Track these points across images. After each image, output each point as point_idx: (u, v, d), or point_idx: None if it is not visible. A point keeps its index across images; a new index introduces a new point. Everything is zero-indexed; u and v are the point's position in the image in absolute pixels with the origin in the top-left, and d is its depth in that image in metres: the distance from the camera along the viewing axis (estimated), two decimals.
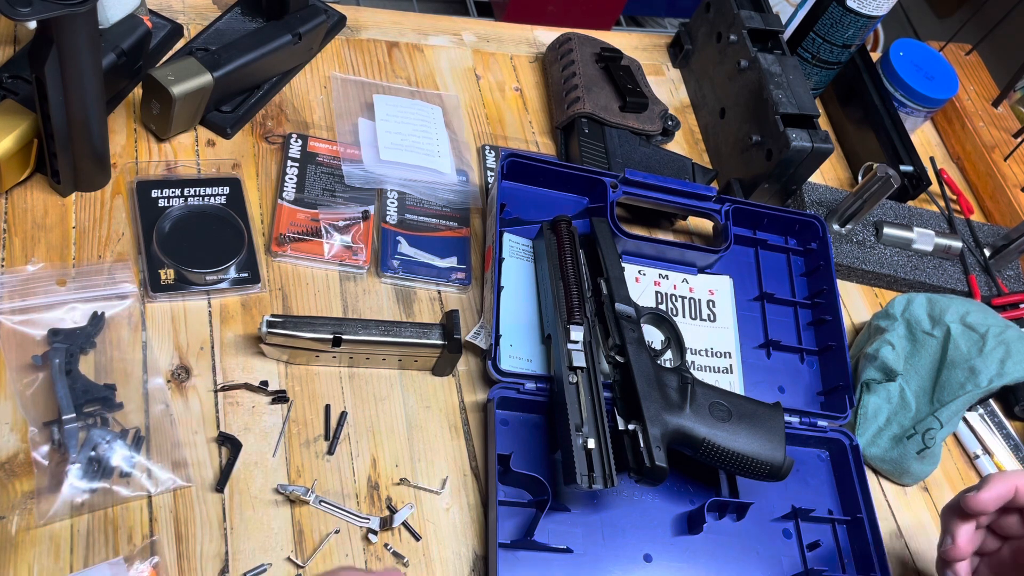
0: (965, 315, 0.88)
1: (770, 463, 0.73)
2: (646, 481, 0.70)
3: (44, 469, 0.64)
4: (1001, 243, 1.05)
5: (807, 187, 1.03)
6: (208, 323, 0.75)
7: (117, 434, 0.66)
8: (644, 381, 0.73)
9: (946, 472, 0.91)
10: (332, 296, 0.80)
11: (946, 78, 1.15)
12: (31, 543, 0.61)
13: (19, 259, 0.73)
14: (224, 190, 0.81)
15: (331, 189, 0.85)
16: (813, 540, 0.79)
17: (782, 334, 0.90)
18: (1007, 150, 1.18)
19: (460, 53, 1.03)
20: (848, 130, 1.16)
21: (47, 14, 0.60)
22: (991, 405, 0.94)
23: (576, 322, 0.76)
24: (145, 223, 0.77)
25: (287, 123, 0.89)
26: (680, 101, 1.11)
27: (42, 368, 0.67)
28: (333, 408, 0.74)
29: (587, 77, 0.99)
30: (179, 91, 0.78)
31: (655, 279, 0.89)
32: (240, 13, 0.93)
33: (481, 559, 0.70)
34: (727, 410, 0.75)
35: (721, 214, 0.91)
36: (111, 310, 0.72)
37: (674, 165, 0.97)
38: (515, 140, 0.99)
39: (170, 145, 0.84)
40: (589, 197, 0.91)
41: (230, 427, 0.70)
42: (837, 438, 0.83)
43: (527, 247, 0.86)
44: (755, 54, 0.97)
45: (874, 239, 1.03)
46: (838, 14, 1.03)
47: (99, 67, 0.69)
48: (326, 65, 0.96)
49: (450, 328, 0.75)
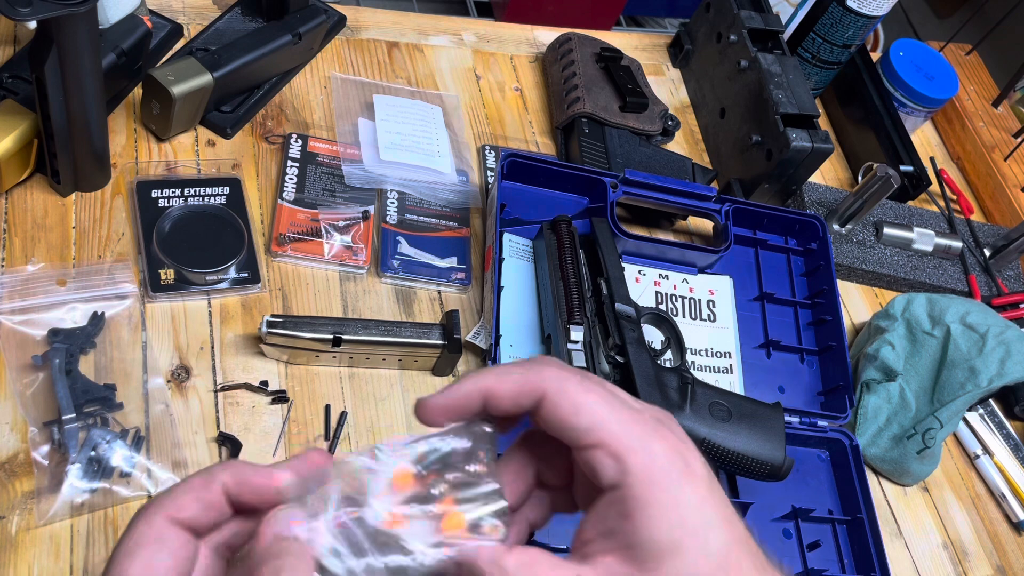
0: (965, 315, 0.88)
1: (770, 463, 0.73)
2: None
3: (44, 469, 0.64)
4: (1001, 243, 1.05)
5: (807, 187, 1.03)
6: (208, 323, 0.75)
7: (117, 434, 0.66)
8: (644, 381, 0.73)
9: (946, 472, 0.91)
10: (332, 296, 0.80)
11: (946, 78, 1.15)
12: (31, 543, 0.61)
13: (19, 259, 0.73)
14: (224, 190, 0.81)
15: (331, 189, 0.85)
16: (813, 540, 0.79)
17: (782, 334, 0.90)
18: (1007, 150, 1.18)
19: (460, 53, 1.03)
20: (848, 130, 1.16)
21: (47, 14, 0.60)
22: (991, 405, 0.94)
23: (576, 322, 0.76)
24: (145, 223, 0.77)
25: (287, 123, 0.89)
26: (680, 101, 1.11)
27: (42, 368, 0.67)
28: (333, 408, 0.74)
29: (587, 77, 0.99)
30: (179, 91, 0.78)
31: (655, 279, 0.89)
32: (240, 13, 0.93)
33: None
34: (727, 410, 0.75)
35: (721, 214, 0.91)
36: (111, 310, 0.72)
37: (674, 165, 0.97)
38: (515, 140, 0.99)
39: (170, 145, 0.84)
40: (589, 197, 0.90)
41: (230, 427, 0.70)
42: (837, 438, 0.83)
43: (527, 247, 0.86)
44: (755, 54, 0.97)
45: (874, 239, 1.03)
46: (838, 14, 1.03)
47: (99, 67, 0.69)
48: (326, 65, 0.96)
49: (450, 328, 0.75)
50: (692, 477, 0.37)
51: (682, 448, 0.37)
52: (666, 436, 0.37)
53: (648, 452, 0.36)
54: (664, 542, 0.35)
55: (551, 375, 0.38)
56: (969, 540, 0.87)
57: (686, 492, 0.36)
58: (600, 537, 0.37)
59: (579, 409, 0.37)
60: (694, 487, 0.36)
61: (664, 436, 0.37)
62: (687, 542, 0.35)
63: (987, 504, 0.90)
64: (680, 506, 0.36)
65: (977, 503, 0.90)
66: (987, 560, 0.86)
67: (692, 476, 0.37)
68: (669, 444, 0.37)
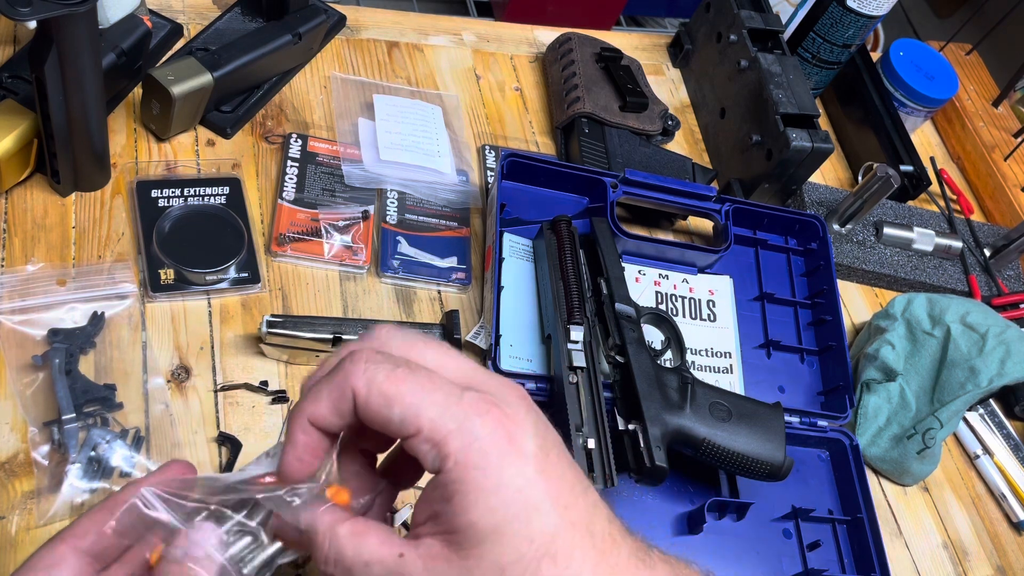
0: (965, 315, 0.88)
1: (770, 463, 0.73)
2: (646, 481, 0.70)
3: (44, 469, 0.64)
4: (1001, 243, 1.05)
5: (807, 187, 1.03)
6: (208, 323, 0.75)
7: (117, 434, 0.66)
8: (644, 381, 0.73)
9: (946, 472, 0.91)
10: (332, 296, 0.80)
11: (946, 78, 1.15)
12: (31, 543, 0.61)
13: (19, 259, 0.73)
14: (224, 190, 0.81)
15: (331, 189, 0.85)
16: (813, 540, 0.79)
17: (782, 334, 0.90)
18: (1007, 150, 1.18)
19: (460, 53, 1.03)
20: (848, 130, 1.16)
21: (47, 14, 0.60)
22: (991, 405, 0.94)
23: (576, 322, 0.76)
24: (145, 223, 0.77)
25: (287, 123, 0.89)
26: (680, 101, 1.11)
27: (42, 368, 0.67)
28: None
29: (587, 77, 0.99)
30: (179, 91, 0.78)
31: (655, 279, 0.89)
32: (240, 13, 0.93)
33: None
34: (727, 410, 0.75)
35: (721, 214, 0.91)
36: (111, 310, 0.72)
37: (674, 165, 0.97)
38: (515, 140, 0.99)
39: (170, 145, 0.84)
40: (589, 197, 0.90)
41: (230, 427, 0.70)
42: (837, 438, 0.83)
43: (527, 247, 0.86)
44: (755, 54, 0.97)
45: (874, 239, 1.03)
46: (838, 14, 1.03)
47: (99, 67, 0.69)
48: (326, 65, 0.96)
49: (450, 328, 0.75)
50: (518, 456, 0.35)
51: (509, 425, 0.36)
52: (490, 413, 0.36)
53: (467, 433, 0.35)
54: (482, 527, 0.34)
55: (357, 372, 0.37)
56: (969, 540, 0.87)
57: (509, 473, 0.35)
58: (428, 520, 0.36)
59: (390, 401, 0.36)
60: (519, 467, 0.35)
61: (487, 413, 0.36)
62: (507, 527, 0.34)
63: (987, 504, 0.90)
64: (501, 489, 0.35)
65: (977, 503, 0.90)
66: (987, 560, 0.86)
67: (518, 455, 0.35)
68: (493, 422, 0.35)
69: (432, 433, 0.35)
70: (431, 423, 0.35)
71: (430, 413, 0.35)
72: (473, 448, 0.35)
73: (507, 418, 0.36)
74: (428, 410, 0.36)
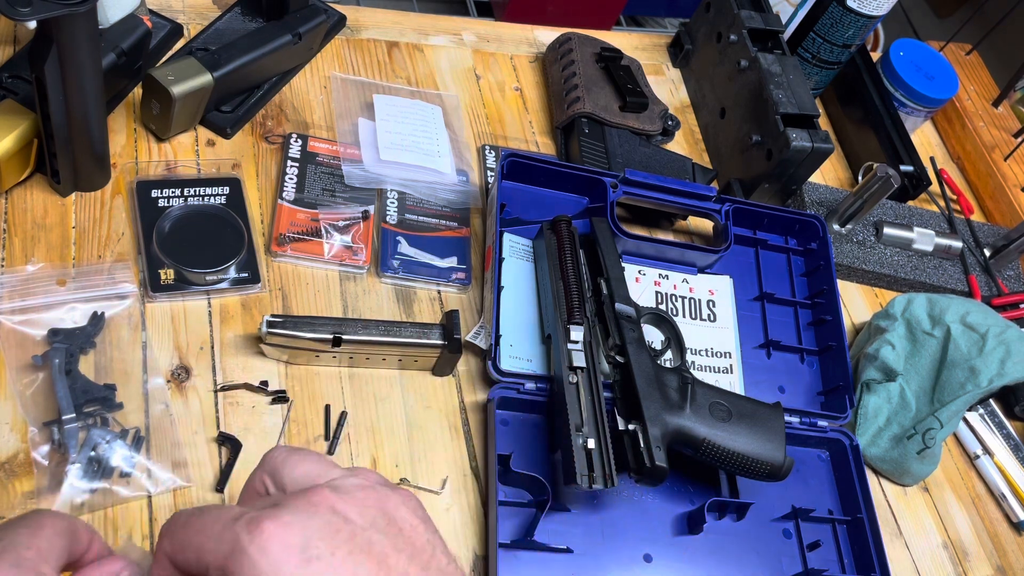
0: (965, 315, 0.88)
1: (770, 463, 0.73)
2: (646, 481, 0.70)
3: (44, 469, 0.64)
4: (1001, 243, 1.05)
5: (807, 187, 1.03)
6: (208, 323, 0.75)
7: (117, 434, 0.66)
8: (644, 381, 0.73)
9: (946, 472, 0.91)
10: (332, 296, 0.80)
11: (946, 78, 1.15)
12: None
13: (19, 259, 0.73)
14: (224, 190, 0.81)
15: (331, 189, 0.85)
16: (813, 540, 0.79)
17: (782, 334, 0.90)
18: (1007, 150, 1.18)
19: (460, 53, 1.03)
20: (848, 130, 1.16)
21: (47, 14, 0.60)
22: (991, 405, 0.94)
23: (576, 322, 0.76)
24: (145, 223, 0.77)
25: (287, 123, 0.89)
26: (680, 101, 1.11)
27: (42, 368, 0.67)
28: (333, 408, 0.74)
29: (587, 77, 0.99)
30: (179, 91, 0.78)
31: (655, 279, 0.89)
32: (240, 13, 0.93)
33: (481, 559, 0.70)
34: (727, 410, 0.75)
35: (721, 214, 0.91)
36: (111, 310, 0.72)
37: (674, 165, 0.97)
38: (515, 140, 0.99)
39: (170, 145, 0.84)
40: (589, 197, 0.90)
41: (230, 427, 0.70)
42: (837, 438, 0.83)
43: (527, 247, 0.86)
44: (755, 54, 0.97)
45: (874, 239, 1.03)
46: (838, 14, 1.03)
47: (99, 67, 0.69)
48: (326, 65, 0.96)
49: (450, 328, 0.75)
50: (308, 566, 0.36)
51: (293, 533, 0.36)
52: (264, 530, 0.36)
53: (247, 557, 0.35)
54: None
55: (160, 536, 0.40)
56: (969, 540, 0.87)
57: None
58: None
59: (183, 547, 0.38)
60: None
61: (262, 531, 0.36)
62: None
63: (987, 504, 0.90)
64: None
65: (977, 503, 0.90)
66: (987, 560, 0.86)
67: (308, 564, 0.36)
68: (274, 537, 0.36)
69: (219, 563, 0.36)
70: (213, 555, 0.37)
71: (211, 545, 0.37)
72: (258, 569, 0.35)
73: (290, 525, 0.36)
74: (209, 543, 0.37)
